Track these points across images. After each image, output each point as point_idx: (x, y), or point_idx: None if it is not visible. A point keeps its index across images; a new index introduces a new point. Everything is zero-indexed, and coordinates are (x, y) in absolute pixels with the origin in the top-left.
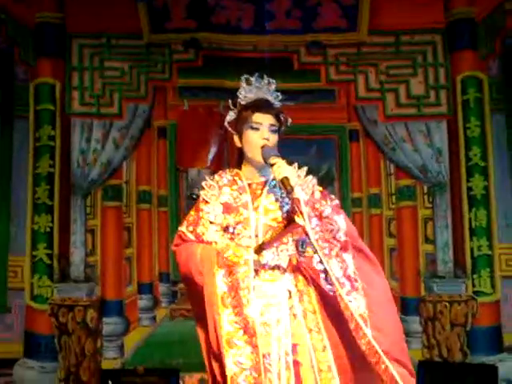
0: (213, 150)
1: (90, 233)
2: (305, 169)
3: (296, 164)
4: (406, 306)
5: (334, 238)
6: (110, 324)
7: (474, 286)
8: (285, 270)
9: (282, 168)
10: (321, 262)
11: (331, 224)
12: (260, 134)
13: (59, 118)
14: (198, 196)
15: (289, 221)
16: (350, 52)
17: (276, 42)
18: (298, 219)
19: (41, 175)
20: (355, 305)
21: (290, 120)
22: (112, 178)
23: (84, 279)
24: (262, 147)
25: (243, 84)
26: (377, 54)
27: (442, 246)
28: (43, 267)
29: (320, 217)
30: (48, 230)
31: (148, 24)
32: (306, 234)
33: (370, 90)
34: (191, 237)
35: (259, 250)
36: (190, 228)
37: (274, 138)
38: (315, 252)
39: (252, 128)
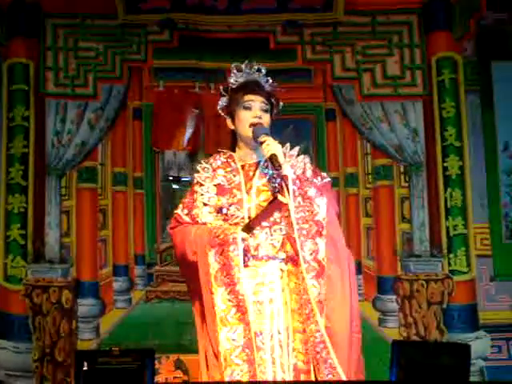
0: (189, 132)
1: (64, 214)
2: (297, 148)
3: (288, 144)
4: (383, 285)
5: (313, 220)
6: (86, 305)
7: (449, 264)
8: (278, 250)
9: (270, 145)
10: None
11: (312, 205)
12: (252, 113)
13: (33, 99)
14: (173, 177)
15: (274, 198)
16: (326, 32)
17: (251, 21)
18: (282, 198)
19: (15, 156)
20: (316, 291)
21: (281, 104)
22: (87, 160)
23: (59, 260)
24: (254, 126)
25: (233, 70)
26: (353, 34)
27: (419, 225)
28: (17, 248)
29: (304, 197)
30: (22, 210)
31: (123, 4)
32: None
33: (347, 70)
34: (187, 219)
35: (247, 228)
36: (185, 211)
37: (265, 118)
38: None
39: (244, 107)
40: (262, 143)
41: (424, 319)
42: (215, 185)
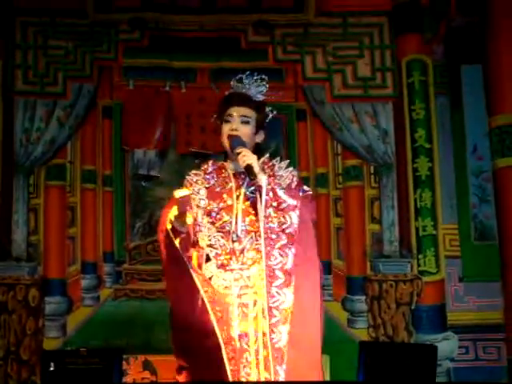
0: (159, 130)
1: (32, 212)
2: (286, 161)
3: (279, 158)
4: (352, 286)
5: (283, 231)
6: (53, 303)
7: (419, 265)
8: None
9: (246, 157)
10: None
11: (284, 217)
12: (230, 126)
13: (1, 97)
14: (143, 176)
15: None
16: (297, 32)
17: (223, 21)
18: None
19: None
20: (281, 299)
21: (271, 112)
22: (56, 158)
23: (26, 258)
24: (230, 138)
25: (232, 83)
26: (324, 35)
27: (388, 225)
28: None
29: (277, 208)
30: None
31: (93, 2)
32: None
33: (317, 71)
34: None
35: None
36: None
37: (244, 129)
38: None
39: (225, 121)
40: (238, 154)
41: (392, 320)
42: (206, 188)
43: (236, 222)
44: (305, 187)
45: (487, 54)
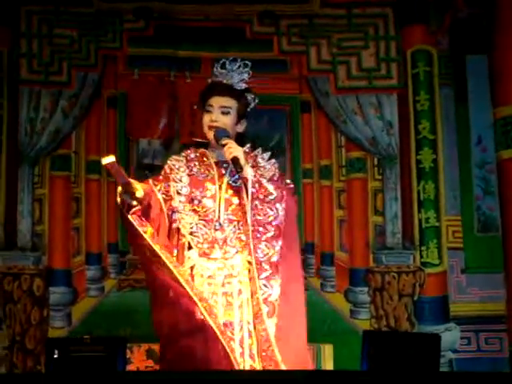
0: (163, 120)
1: (37, 202)
2: (268, 153)
3: (260, 149)
4: (355, 277)
5: (270, 223)
6: (57, 293)
7: (421, 257)
8: (245, 243)
9: (232, 148)
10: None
11: (271, 209)
12: (210, 116)
13: (6, 86)
14: (148, 165)
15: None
16: (302, 23)
17: (228, 11)
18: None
19: None
20: (268, 291)
21: (253, 102)
22: (60, 148)
23: (31, 248)
24: (213, 129)
25: (214, 69)
26: (329, 26)
27: (391, 217)
28: None
29: (263, 200)
30: None
31: None
32: (245, 213)
33: (322, 62)
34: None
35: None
36: (156, 182)
37: (225, 120)
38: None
39: (206, 111)
40: (223, 145)
41: (395, 311)
42: (188, 175)
43: (219, 211)
44: (287, 180)
45: (493, 45)
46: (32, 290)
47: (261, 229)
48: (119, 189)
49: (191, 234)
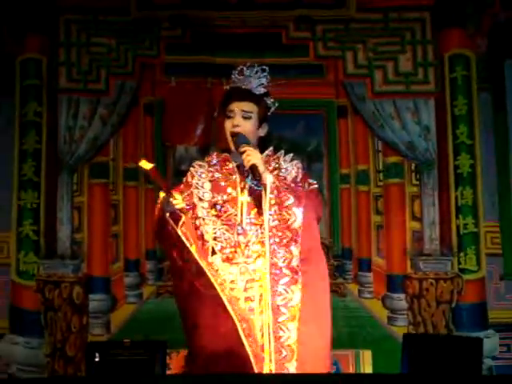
0: (200, 127)
1: (76, 210)
2: (291, 155)
3: (282, 151)
4: (392, 284)
5: (288, 228)
6: (96, 301)
7: (459, 263)
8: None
9: (250, 156)
10: None
11: (289, 214)
12: (231, 122)
13: (45, 94)
14: (185, 172)
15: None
16: (338, 28)
17: (264, 17)
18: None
19: (27, 151)
20: (289, 296)
21: (272, 104)
22: (99, 155)
23: (70, 256)
24: (235, 136)
25: (232, 76)
26: (365, 31)
27: (429, 223)
28: (29, 243)
29: (281, 205)
30: (34, 206)
31: (135, 0)
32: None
33: (358, 67)
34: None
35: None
36: (181, 186)
37: (246, 125)
38: None
39: (227, 117)
40: (242, 153)
41: (433, 318)
42: (210, 181)
43: (241, 215)
44: (310, 180)
45: None
46: (72, 298)
47: (280, 233)
48: (162, 194)
49: (215, 239)
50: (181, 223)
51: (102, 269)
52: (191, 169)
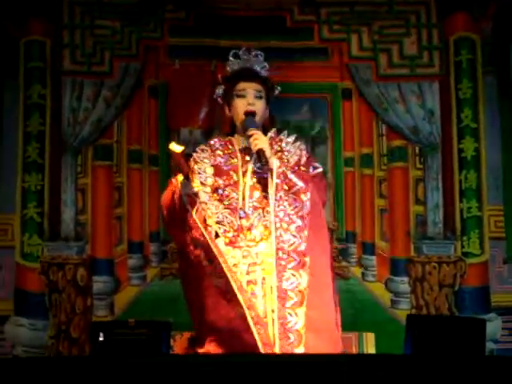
0: (204, 109)
1: (80, 192)
2: (294, 135)
3: (286, 132)
4: (395, 267)
5: (296, 214)
6: (100, 282)
7: (462, 247)
8: (271, 231)
9: (257, 140)
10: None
11: (296, 201)
12: (245, 101)
13: (49, 77)
14: (190, 155)
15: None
16: (343, 11)
17: (269, 0)
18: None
19: (31, 134)
20: (296, 281)
21: (278, 88)
22: (103, 137)
23: (74, 238)
24: (245, 116)
25: (231, 58)
26: (370, 14)
27: (433, 207)
28: (33, 225)
29: (288, 191)
30: (38, 188)
31: None
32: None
33: (363, 50)
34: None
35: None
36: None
37: (259, 104)
38: None
39: (238, 96)
40: (249, 136)
41: (435, 301)
42: (213, 165)
43: (243, 198)
44: (315, 164)
45: None
46: (76, 280)
47: (286, 218)
48: (181, 178)
49: (218, 223)
50: (195, 208)
51: (105, 251)
52: (194, 154)
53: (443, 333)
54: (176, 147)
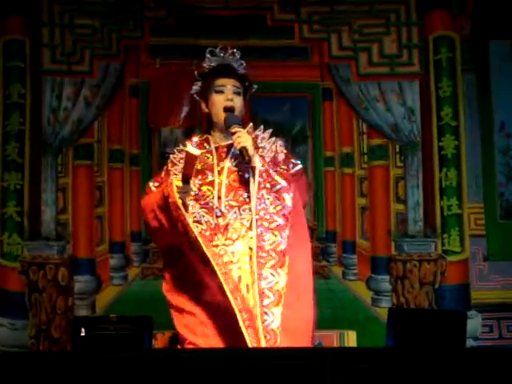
0: (185, 109)
1: (61, 191)
2: (269, 131)
3: (262, 126)
4: (377, 265)
5: (277, 213)
6: (82, 282)
7: (443, 245)
8: (248, 229)
9: (241, 138)
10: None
11: (278, 199)
12: (224, 96)
13: (29, 76)
14: (170, 154)
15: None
16: (323, 10)
17: None
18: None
19: (11, 133)
20: (275, 279)
21: (255, 86)
22: (83, 137)
23: (55, 237)
24: (226, 112)
25: (208, 55)
26: (350, 13)
27: (413, 205)
28: (13, 225)
29: (270, 190)
30: (18, 187)
31: None
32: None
33: (343, 49)
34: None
35: (184, 178)
36: (156, 184)
37: (238, 101)
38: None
39: (216, 91)
40: (233, 134)
41: (416, 299)
42: None
43: (219, 197)
44: (293, 160)
45: None
46: (57, 279)
47: (268, 216)
48: (177, 182)
49: (196, 222)
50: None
51: (87, 250)
52: (171, 156)
53: (424, 325)
54: (193, 150)
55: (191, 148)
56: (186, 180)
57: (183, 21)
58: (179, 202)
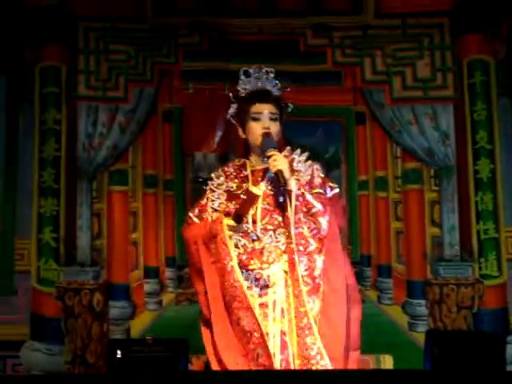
0: (218, 134)
1: (96, 217)
2: (306, 154)
3: (298, 150)
4: (412, 289)
5: (313, 236)
6: (117, 308)
7: (480, 269)
8: (283, 252)
9: (277, 161)
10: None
11: (314, 223)
12: (261, 124)
13: (65, 102)
14: (204, 179)
15: (283, 208)
16: (356, 35)
17: (281, 24)
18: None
19: (47, 159)
20: (309, 306)
21: (290, 106)
22: (118, 162)
23: (90, 263)
24: (263, 137)
25: (242, 76)
26: (383, 37)
27: (449, 229)
28: (49, 250)
29: (306, 213)
30: (54, 213)
31: (152, 7)
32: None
33: (377, 73)
34: (196, 220)
35: (236, 217)
36: (196, 212)
37: (274, 127)
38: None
39: (253, 119)
40: (269, 157)
41: (454, 324)
42: (225, 191)
43: (254, 222)
44: (331, 184)
45: None
46: (92, 305)
47: (303, 241)
48: (228, 221)
49: (233, 246)
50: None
51: (121, 276)
52: (210, 183)
53: (462, 348)
54: (258, 191)
55: (254, 188)
56: (239, 219)
57: (216, 46)
58: (229, 243)
